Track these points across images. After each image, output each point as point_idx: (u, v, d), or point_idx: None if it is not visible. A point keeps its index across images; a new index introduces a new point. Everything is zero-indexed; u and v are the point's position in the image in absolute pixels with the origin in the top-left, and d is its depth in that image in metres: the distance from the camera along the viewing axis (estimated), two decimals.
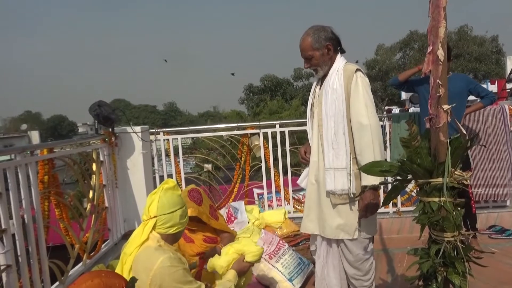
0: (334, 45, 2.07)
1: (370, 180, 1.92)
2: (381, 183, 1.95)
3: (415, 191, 3.60)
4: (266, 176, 3.92)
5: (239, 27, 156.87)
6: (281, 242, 2.86)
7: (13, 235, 2.05)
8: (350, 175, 2.00)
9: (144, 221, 1.88)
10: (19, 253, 2.08)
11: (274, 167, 3.91)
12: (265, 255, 2.71)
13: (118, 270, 1.86)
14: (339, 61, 2.07)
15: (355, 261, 2.11)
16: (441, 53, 1.37)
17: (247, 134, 3.90)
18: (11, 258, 2.00)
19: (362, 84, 2.01)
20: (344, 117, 2.01)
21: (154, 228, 1.84)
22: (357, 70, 2.04)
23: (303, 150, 2.30)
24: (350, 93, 2.01)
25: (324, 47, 2.04)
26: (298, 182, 2.34)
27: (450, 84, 3.64)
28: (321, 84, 2.17)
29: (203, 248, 2.71)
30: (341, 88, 2.01)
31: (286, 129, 3.85)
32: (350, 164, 2.01)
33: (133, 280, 1.33)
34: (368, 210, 1.97)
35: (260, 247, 2.21)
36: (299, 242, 3.24)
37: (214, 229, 2.77)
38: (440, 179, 1.42)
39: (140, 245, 1.80)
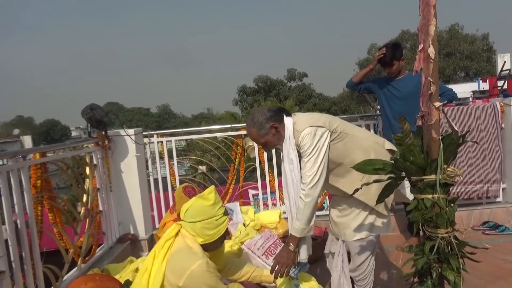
0: (278, 120, 2.00)
1: (293, 232, 1.98)
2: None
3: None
4: (260, 177, 3.92)
5: (231, 28, 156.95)
6: (278, 240, 2.87)
7: (6, 241, 2.03)
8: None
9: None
10: (12, 259, 2.05)
11: (268, 167, 3.91)
12: (262, 255, 2.71)
13: (150, 257, 1.89)
14: (288, 128, 2.00)
15: (361, 261, 2.13)
16: (431, 51, 1.38)
17: (241, 135, 3.90)
18: (4, 264, 1.98)
19: (306, 144, 1.92)
20: (300, 187, 1.99)
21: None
22: (305, 128, 1.94)
23: None
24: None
25: (270, 129, 2.00)
26: (300, 259, 2.19)
27: (400, 85, 3.66)
28: None
29: None
30: (296, 158, 1.99)
31: None
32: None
33: (128, 283, 1.32)
34: (278, 265, 1.98)
35: None
36: None
37: None
38: (433, 176, 1.43)
39: (173, 237, 1.85)
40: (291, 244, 2.00)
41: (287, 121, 2.01)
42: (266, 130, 2.00)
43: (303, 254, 2.10)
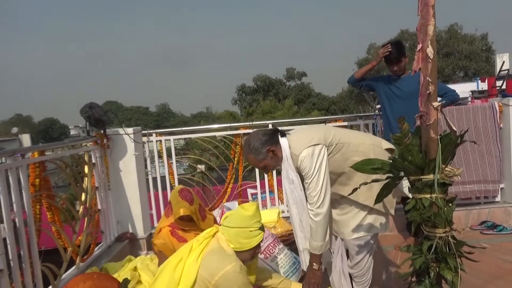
0: (274, 143, 2.01)
1: (313, 251, 2.00)
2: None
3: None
4: (259, 176, 3.93)
5: (231, 28, 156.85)
6: (276, 240, 2.88)
7: (5, 239, 2.03)
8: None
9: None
10: (10, 257, 2.06)
11: None
12: (260, 254, 2.72)
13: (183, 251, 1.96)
14: (285, 149, 2.00)
15: (359, 259, 2.15)
16: (430, 51, 1.38)
17: (240, 134, 3.90)
18: (3, 263, 1.98)
19: (307, 167, 1.93)
20: (304, 205, 2.01)
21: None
22: (302, 151, 1.95)
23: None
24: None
25: (267, 153, 2.00)
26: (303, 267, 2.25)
27: (402, 84, 3.65)
28: None
29: None
30: (297, 178, 2.00)
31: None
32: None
33: (126, 281, 1.32)
34: (310, 286, 2.04)
35: None
36: (294, 241, 3.24)
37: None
38: (431, 176, 1.44)
39: (211, 237, 1.95)
40: (314, 264, 2.03)
41: (283, 141, 2.02)
42: (264, 155, 2.00)
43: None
